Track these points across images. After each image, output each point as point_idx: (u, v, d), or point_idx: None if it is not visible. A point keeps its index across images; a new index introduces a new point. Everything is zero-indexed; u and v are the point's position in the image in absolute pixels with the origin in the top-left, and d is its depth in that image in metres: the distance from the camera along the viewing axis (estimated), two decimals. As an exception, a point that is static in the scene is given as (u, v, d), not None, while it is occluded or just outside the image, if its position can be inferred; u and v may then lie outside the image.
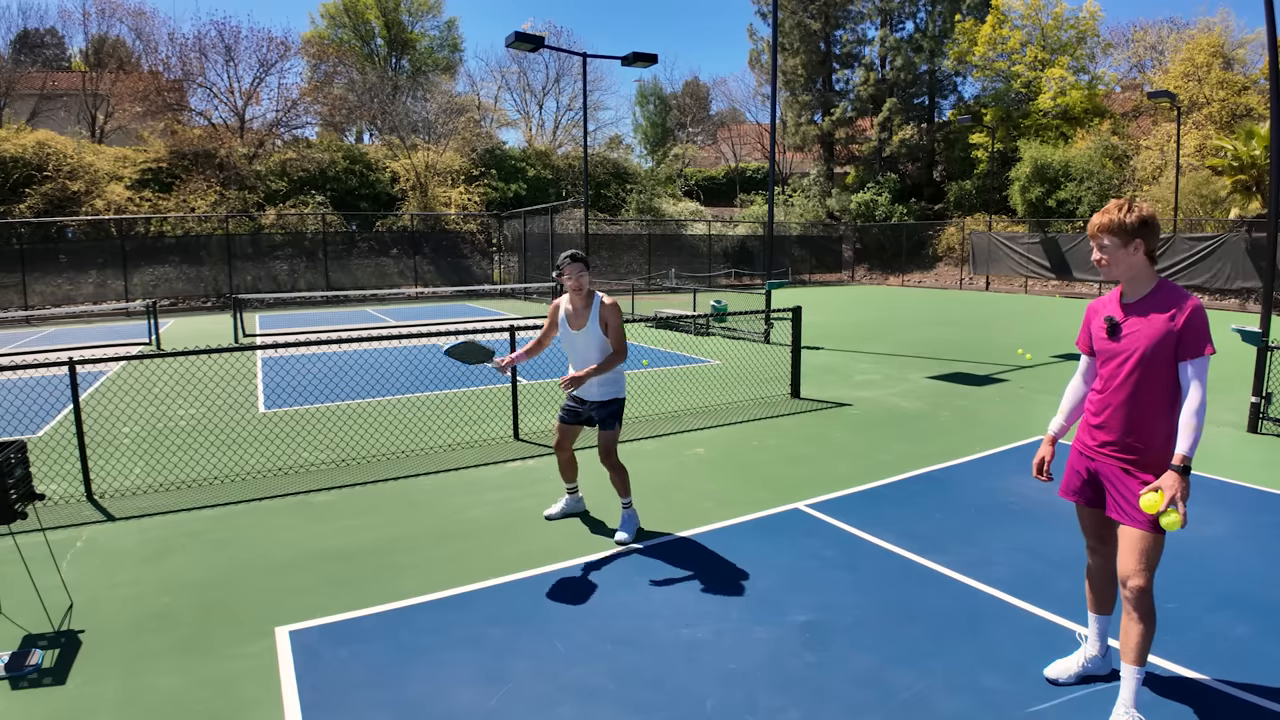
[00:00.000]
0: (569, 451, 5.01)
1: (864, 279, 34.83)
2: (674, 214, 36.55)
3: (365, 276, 27.67)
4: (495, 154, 34.84)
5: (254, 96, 31.67)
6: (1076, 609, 3.62)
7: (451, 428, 7.50)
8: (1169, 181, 24.92)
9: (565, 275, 4.65)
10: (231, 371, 10.70)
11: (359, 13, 41.41)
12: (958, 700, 3.07)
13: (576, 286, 4.65)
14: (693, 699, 3.11)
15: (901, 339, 14.28)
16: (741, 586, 4.12)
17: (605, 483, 5.02)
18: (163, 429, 7.71)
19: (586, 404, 4.79)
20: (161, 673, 3.34)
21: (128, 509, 5.40)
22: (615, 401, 4.74)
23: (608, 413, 4.71)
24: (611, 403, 4.73)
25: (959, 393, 9.23)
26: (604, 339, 4.65)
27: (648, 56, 17.91)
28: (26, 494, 3.86)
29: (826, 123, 38.90)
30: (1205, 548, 4.50)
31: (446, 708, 3.08)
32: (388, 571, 4.35)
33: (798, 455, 6.65)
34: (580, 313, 4.70)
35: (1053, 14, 32.41)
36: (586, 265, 4.70)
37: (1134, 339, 2.80)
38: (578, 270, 4.64)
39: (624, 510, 4.84)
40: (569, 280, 4.65)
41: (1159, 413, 2.79)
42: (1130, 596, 2.75)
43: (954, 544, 4.63)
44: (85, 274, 24.02)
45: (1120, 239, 2.78)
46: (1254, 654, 3.35)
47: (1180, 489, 2.63)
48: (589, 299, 4.70)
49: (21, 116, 29.89)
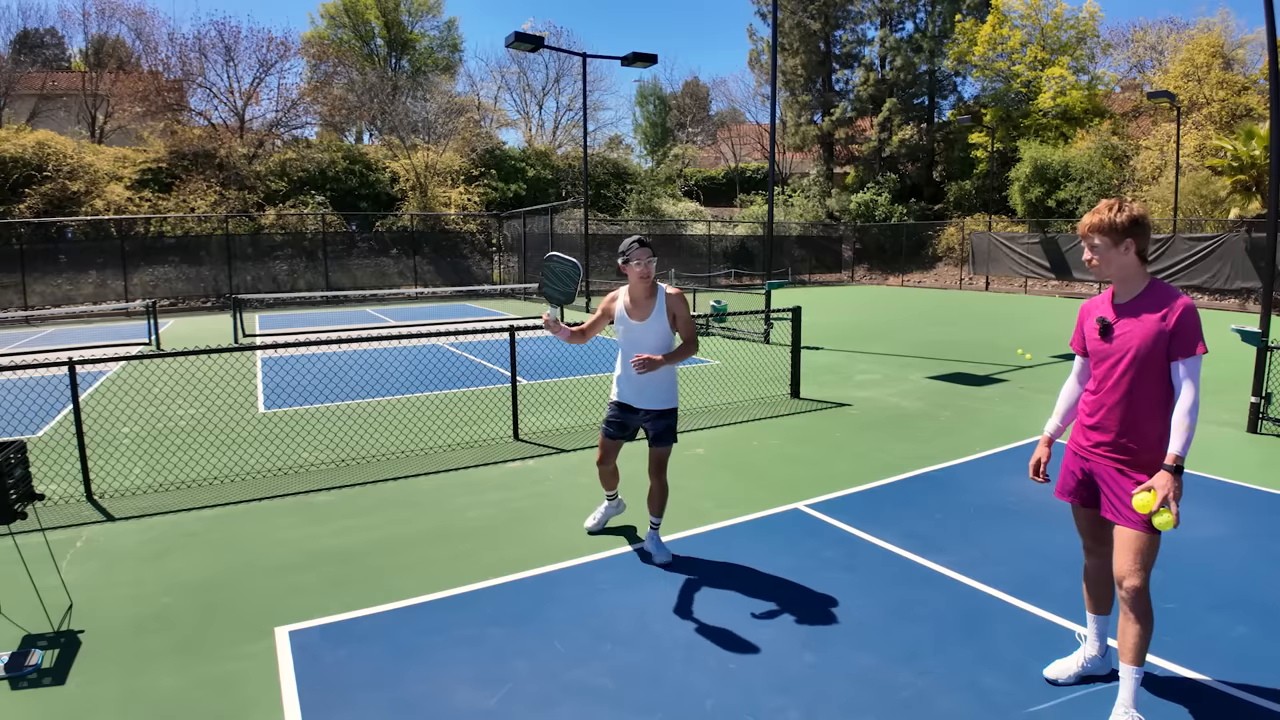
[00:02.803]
0: (612, 465, 4.69)
1: (864, 279, 34.83)
2: (674, 214, 36.54)
3: (365, 277, 27.66)
4: (495, 154, 34.82)
5: (254, 96, 31.66)
6: (1076, 609, 3.62)
7: (451, 428, 7.50)
8: (1169, 182, 24.92)
9: (635, 262, 4.25)
10: (231, 371, 10.70)
11: (359, 13, 41.39)
12: (958, 700, 3.07)
13: (645, 274, 4.28)
14: (692, 699, 3.11)
15: (901, 339, 14.28)
16: (741, 586, 4.12)
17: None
18: (163, 429, 7.71)
19: (639, 413, 4.40)
20: (161, 673, 3.34)
21: (128, 509, 5.40)
22: (672, 412, 4.39)
23: (665, 425, 4.35)
24: (669, 413, 4.37)
25: (959, 393, 9.23)
26: (669, 331, 4.35)
27: (647, 57, 17.93)
28: (26, 494, 3.86)
29: (826, 123, 38.89)
30: (1205, 548, 4.50)
31: (446, 708, 3.08)
32: (388, 571, 4.35)
33: (798, 455, 6.65)
34: (643, 304, 4.34)
35: (1053, 14, 32.41)
36: (654, 251, 4.35)
37: (1126, 339, 2.81)
38: (646, 256, 4.26)
39: (653, 530, 4.55)
40: (638, 266, 4.26)
41: (1152, 413, 2.79)
42: (1126, 596, 2.76)
43: (954, 544, 4.63)
44: (85, 274, 24.00)
45: (1111, 239, 2.79)
46: (1254, 654, 3.35)
47: (1173, 489, 2.63)
48: (653, 289, 4.36)
49: (21, 116, 29.87)
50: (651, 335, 4.32)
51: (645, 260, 4.26)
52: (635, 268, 4.26)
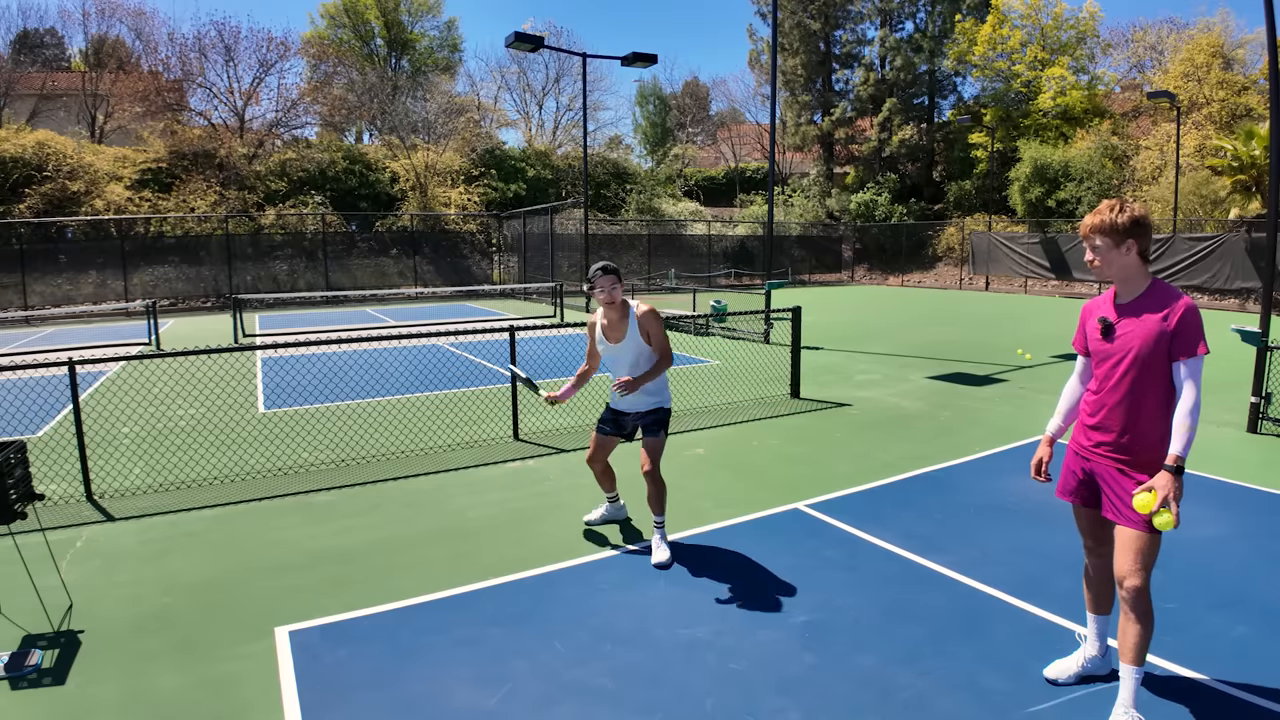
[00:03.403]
0: (603, 463, 4.77)
1: (864, 279, 34.83)
2: (674, 214, 36.54)
3: (365, 276, 27.66)
4: (495, 154, 34.83)
5: (254, 96, 31.66)
6: (1076, 609, 3.62)
7: (451, 428, 7.50)
8: (1169, 181, 24.92)
9: (597, 289, 4.39)
10: (231, 371, 10.70)
11: (359, 13, 41.38)
12: (958, 700, 3.07)
13: (609, 300, 4.41)
14: (692, 699, 3.11)
15: (901, 339, 14.28)
16: (741, 586, 4.12)
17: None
18: (162, 429, 7.71)
19: (629, 416, 4.55)
20: (161, 673, 3.34)
21: (128, 509, 5.40)
22: (661, 409, 4.50)
23: (653, 419, 4.48)
24: (659, 410, 4.49)
25: (959, 393, 9.23)
26: (645, 348, 4.44)
27: (647, 57, 17.93)
28: (26, 494, 3.86)
29: (826, 123, 38.89)
30: (1205, 548, 4.50)
31: (446, 708, 3.08)
32: (388, 571, 4.35)
33: (798, 455, 6.65)
34: (617, 325, 4.47)
35: (1053, 14, 32.41)
36: (619, 277, 4.45)
37: (1128, 340, 2.80)
38: (610, 284, 4.37)
39: (657, 530, 4.54)
40: (600, 294, 4.41)
41: (1154, 413, 2.79)
42: (1127, 596, 2.76)
43: (954, 544, 4.63)
44: (85, 274, 24.00)
45: (1112, 239, 2.79)
46: (1254, 654, 3.35)
47: (1173, 489, 2.63)
48: (624, 310, 4.47)
49: (21, 116, 29.87)
50: (628, 354, 4.46)
51: (608, 288, 4.38)
52: (599, 295, 4.41)
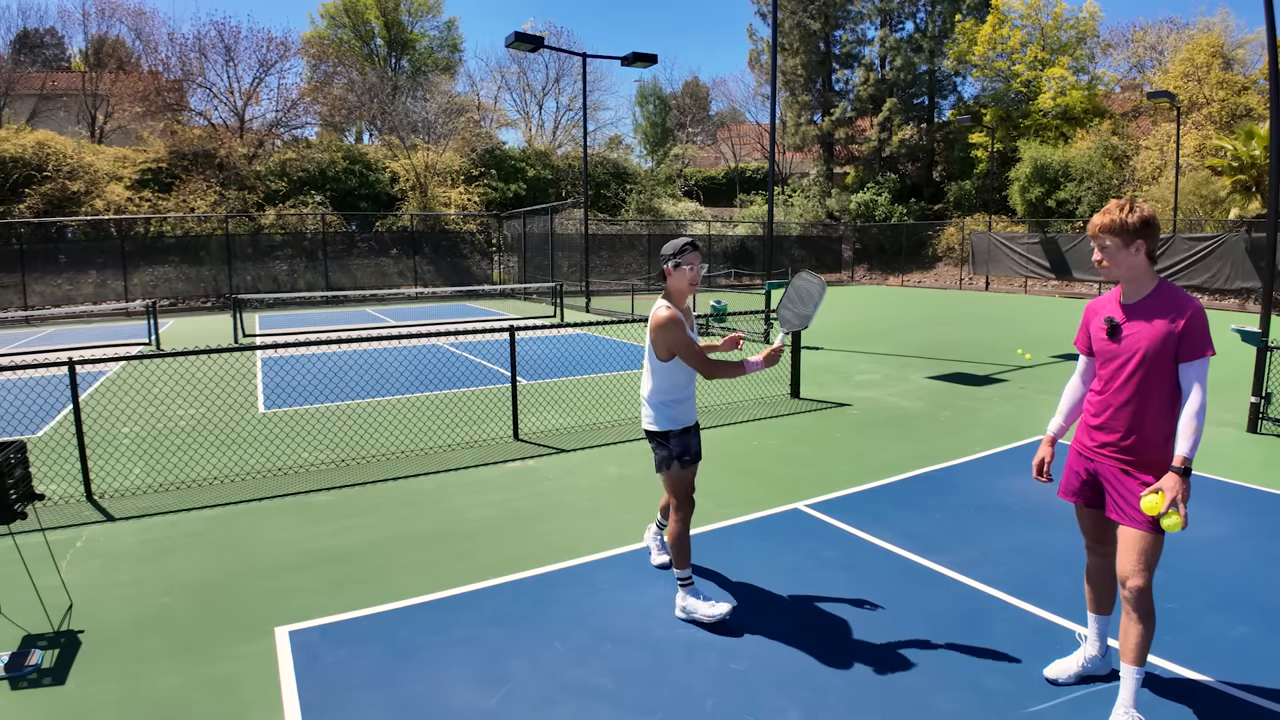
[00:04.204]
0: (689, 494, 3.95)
1: (864, 279, 34.82)
2: (674, 214, 36.54)
3: (365, 276, 27.66)
4: (495, 154, 34.82)
5: (254, 96, 31.65)
6: (1076, 609, 3.62)
7: (451, 428, 7.49)
8: (1169, 181, 24.92)
9: (688, 266, 3.71)
10: (231, 372, 10.70)
11: (359, 13, 41.39)
12: (958, 700, 3.07)
13: (695, 280, 3.75)
14: (692, 699, 3.11)
15: (901, 339, 14.28)
16: (741, 586, 4.12)
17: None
18: (162, 429, 7.71)
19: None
20: (161, 673, 3.34)
21: (128, 509, 5.40)
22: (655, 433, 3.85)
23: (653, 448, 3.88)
24: (653, 435, 3.86)
25: (959, 393, 9.23)
26: None
27: (647, 57, 17.94)
28: (26, 494, 3.86)
29: (826, 123, 38.88)
30: (1205, 548, 4.50)
31: (446, 708, 3.08)
32: (387, 571, 4.35)
33: (798, 455, 6.65)
34: (689, 315, 3.87)
35: (1053, 14, 32.40)
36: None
37: (1135, 340, 2.80)
38: (699, 259, 3.76)
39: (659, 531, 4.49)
40: (690, 271, 3.72)
41: (1159, 414, 2.79)
42: (1129, 596, 2.75)
43: (954, 544, 4.63)
44: (85, 274, 24.00)
45: (1122, 239, 2.77)
46: (1254, 654, 3.35)
47: (1181, 491, 2.63)
48: None
49: (21, 116, 29.86)
50: None
51: (698, 264, 3.75)
52: (688, 272, 3.72)
